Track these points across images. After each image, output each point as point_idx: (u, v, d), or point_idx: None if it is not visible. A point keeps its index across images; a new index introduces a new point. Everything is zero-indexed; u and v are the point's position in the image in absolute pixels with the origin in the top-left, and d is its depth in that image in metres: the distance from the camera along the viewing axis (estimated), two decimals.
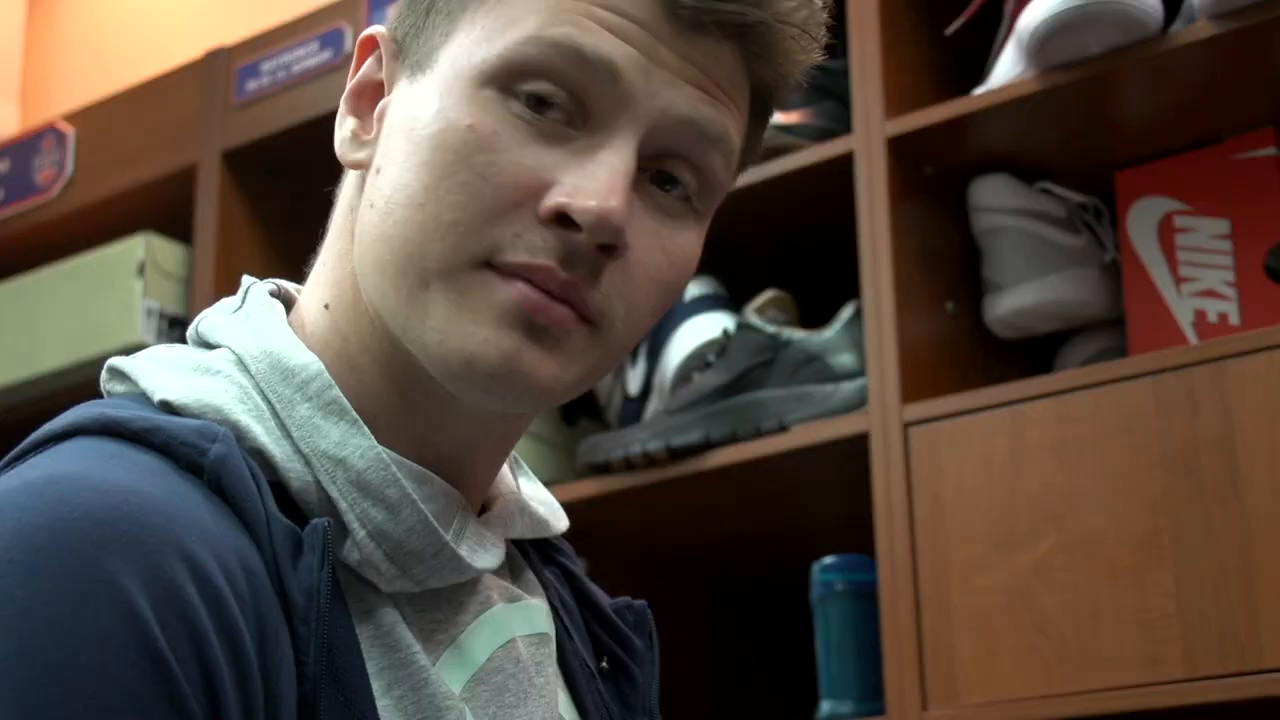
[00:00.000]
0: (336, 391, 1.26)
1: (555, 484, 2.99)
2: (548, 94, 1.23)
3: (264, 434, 1.24)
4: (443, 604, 1.31)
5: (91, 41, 4.65)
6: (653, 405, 2.94)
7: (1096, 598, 2.30)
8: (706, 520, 2.99)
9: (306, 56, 3.56)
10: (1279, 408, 2.22)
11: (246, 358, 1.28)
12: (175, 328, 3.58)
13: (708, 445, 2.77)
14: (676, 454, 2.79)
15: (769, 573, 3.17)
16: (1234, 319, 2.55)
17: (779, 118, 2.83)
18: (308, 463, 1.24)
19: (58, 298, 3.72)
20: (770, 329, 2.82)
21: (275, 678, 1.12)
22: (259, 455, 1.23)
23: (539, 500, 1.48)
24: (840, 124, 2.84)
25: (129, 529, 1.07)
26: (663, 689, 2.03)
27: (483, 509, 1.39)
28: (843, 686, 2.67)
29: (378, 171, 1.28)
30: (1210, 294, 2.58)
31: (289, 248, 3.65)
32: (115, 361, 1.33)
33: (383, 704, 1.20)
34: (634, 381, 3.01)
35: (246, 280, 1.40)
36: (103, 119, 3.92)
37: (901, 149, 2.69)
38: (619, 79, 1.23)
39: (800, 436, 2.68)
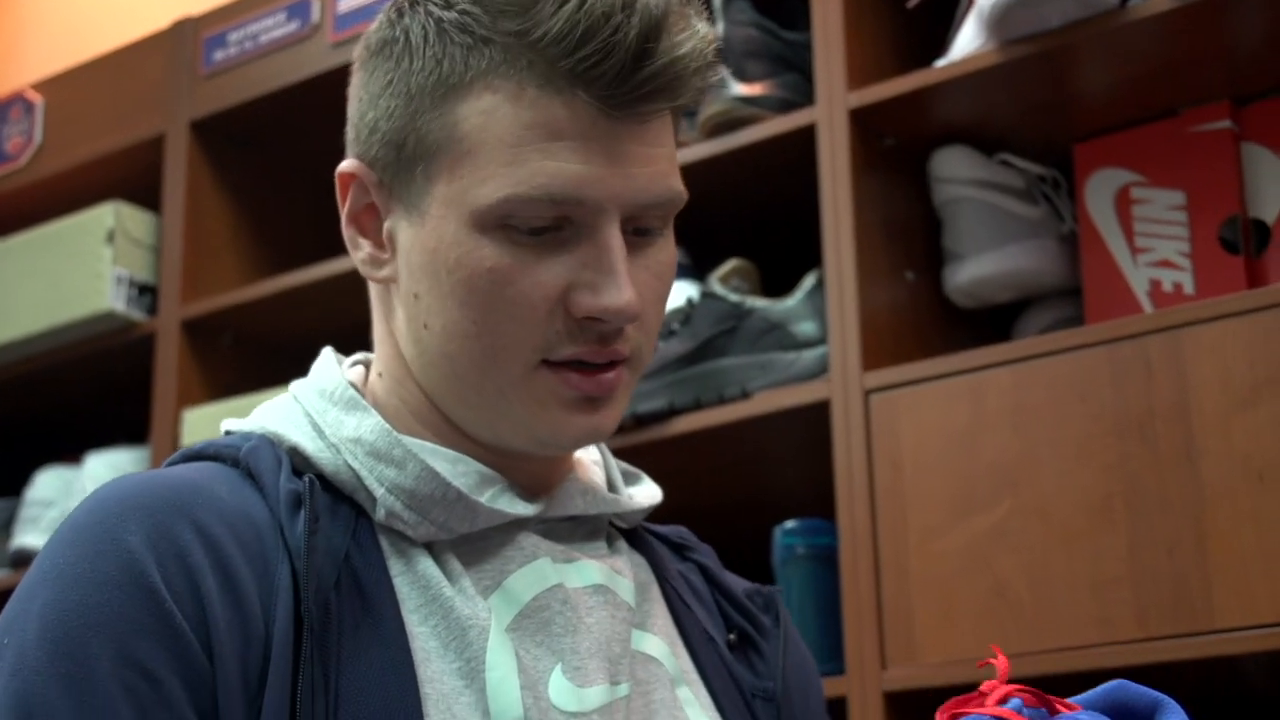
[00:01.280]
0: (353, 393, 1.54)
1: None
2: (537, 225, 1.44)
3: (299, 435, 1.51)
4: (489, 556, 1.51)
5: (60, 11, 4.65)
6: None
7: (1051, 561, 2.32)
8: (670, 485, 2.98)
9: (273, 27, 3.56)
10: (1232, 376, 2.24)
11: (299, 392, 1.57)
12: (144, 295, 3.59)
13: (672, 412, 2.79)
14: (642, 420, 2.81)
15: (732, 536, 3.16)
16: (1188, 288, 2.57)
17: (742, 89, 2.84)
18: (338, 450, 1.49)
19: (28, 265, 3.71)
20: (733, 298, 2.83)
21: (272, 601, 1.38)
22: (296, 452, 1.50)
23: (635, 492, 1.69)
24: (802, 96, 2.85)
25: (145, 502, 1.39)
26: None
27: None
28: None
29: (416, 297, 1.50)
30: (1166, 264, 2.60)
31: (256, 215, 3.66)
32: (223, 424, 1.62)
33: (420, 631, 1.43)
34: None
35: (325, 350, 1.66)
36: (71, 88, 3.92)
37: (863, 121, 2.70)
38: (585, 202, 1.43)
39: (763, 403, 2.70)
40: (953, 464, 2.44)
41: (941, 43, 2.78)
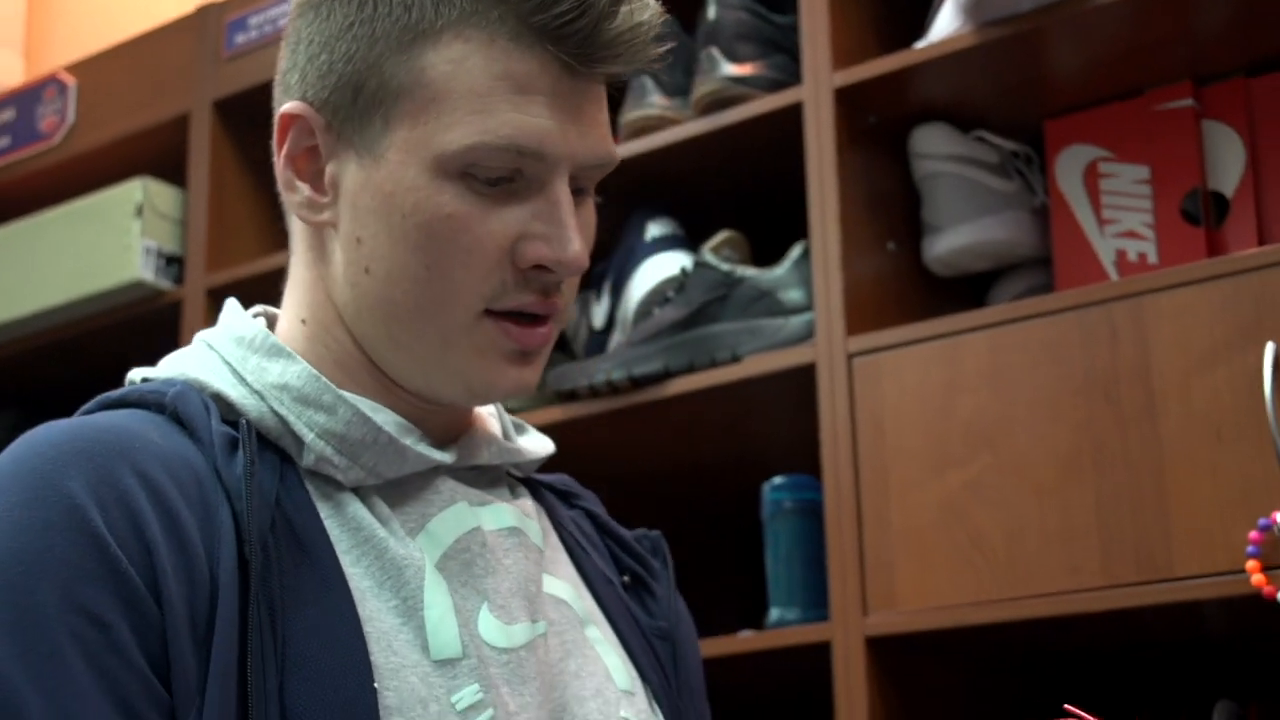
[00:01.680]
0: (275, 340, 1.49)
1: (526, 410, 3.01)
2: (497, 174, 1.42)
3: (220, 382, 1.46)
4: (411, 500, 1.48)
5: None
6: (616, 338, 2.95)
7: (1024, 513, 2.32)
8: (666, 443, 3.01)
9: None
10: (1192, 340, 2.24)
11: (212, 340, 1.52)
12: (171, 265, 3.60)
13: (667, 374, 2.79)
14: (638, 382, 2.81)
15: (723, 492, 3.18)
16: (1152, 258, 2.57)
17: (733, 69, 2.85)
18: (262, 397, 1.45)
19: (61, 238, 3.72)
20: (725, 267, 2.83)
21: (215, 542, 1.33)
22: (219, 398, 1.45)
23: (527, 444, 1.65)
24: (790, 75, 2.85)
25: (83, 448, 1.32)
26: None
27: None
28: (790, 595, 2.71)
29: (359, 241, 1.46)
30: (1131, 235, 2.60)
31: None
32: (129, 375, 1.55)
33: (353, 571, 1.38)
34: (599, 316, 3.03)
35: (228, 300, 1.60)
36: (102, 70, 3.92)
37: (847, 99, 2.70)
38: (546, 156, 1.42)
39: (752, 366, 2.70)
40: (931, 423, 2.45)
41: (921, 25, 2.78)
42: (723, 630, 2.90)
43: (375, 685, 1.31)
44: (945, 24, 2.64)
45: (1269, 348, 2.17)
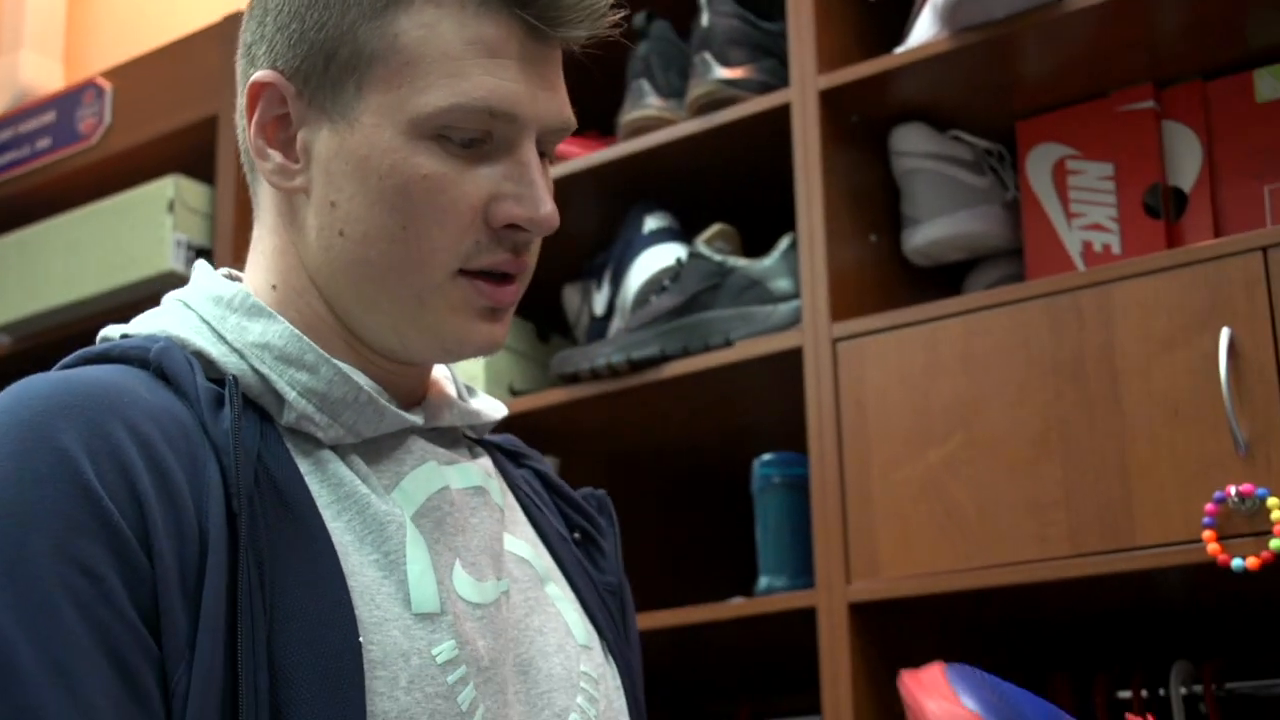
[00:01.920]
0: (256, 300, 1.44)
1: (530, 392, 3.02)
2: (470, 136, 1.39)
3: (201, 340, 1.40)
4: (384, 458, 1.44)
5: (126, 8, 4.64)
6: (615, 324, 2.95)
7: (996, 487, 2.33)
8: (662, 423, 3.01)
9: None
10: (1153, 326, 2.24)
11: (188, 300, 1.46)
12: (201, 257, 3.59)
13: (663, 358, 2.78)
14: (636, 366, 2.81)
15: (716, 467, 3.18)
16: (1116, 249, 2.57)
17: (725, 73, 2.84)
18: (242, 356, 1.40)
19: (98, 231, 3.72)
20: (717, 258, 2.83)
21: (204, 497, 1.27)
22: (200, 356, 1.39)
23: (480, 405, 1.61)
24: (778, 79, 2.85)
25: (73, 401, 1.26)
26: (626, 567, 2.04)
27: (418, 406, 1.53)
28: (778, 564, 2.71)
29: (333, 205, 1.41)
30: (1096, 227, 2.60)
31: None
32: (101, 333, 1.49)
33: (335, 526, 1.35)
34: (599, 303, 3.02)
35: (197, 262, 1.56)
36: (136, 75, 3.91)
37: (831, 101, 2.69)
38: (517, 118, 1.40)
39: (743, 350, 2.70)
40: (910, 403, 2.45)
41: (900, 31, 2.77)
42: (715, 597, 2.90)
43: (360, 639, 1.28)
44: (923, 30, 2.64)
45: (1224, 333, 2.17)
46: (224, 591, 1.24)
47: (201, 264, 1.53)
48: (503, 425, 1.71)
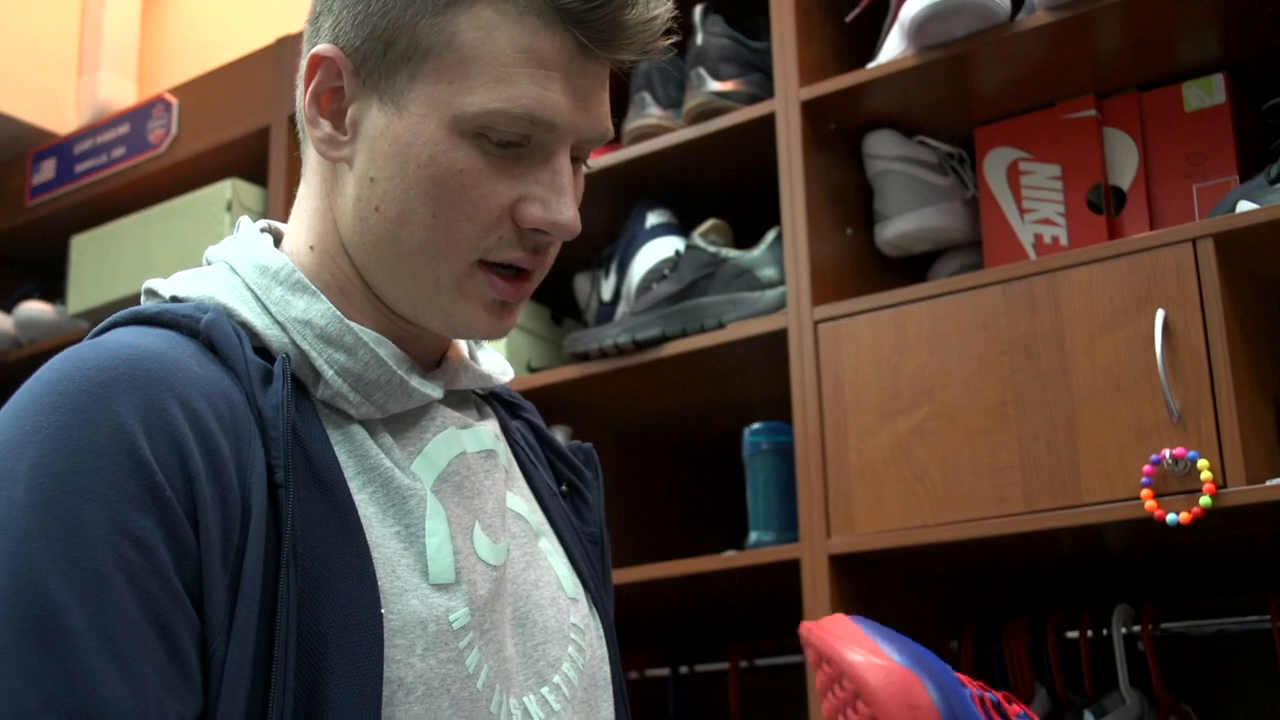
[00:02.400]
0: (300, 275, 1.38)
1: (546, 369, 3.01)
2: (508, 139, 1.32)
3: (247, 311, 1.35)
4: (410, 428, 1.40)
5: (190, 32, 4.63)
6: (621, 308, 2.94)
7: (958, 453, 2.32)
8: (663, 396, 3.00)
9: None
10: (1097, 308, 2.24)
11: (235, 264, 1.40)
12: None
13: (664, 339, 2.77)
14: (640, 345, 2.79)
15: (710, 435, 3.18)
16: (1064, 240, 2.56)
17: (718, 86, 2.83)
18: (284, 329, 1.35)
19: (164, 230, 3.72)
20: (711, 249, 2.81)
21: (248, 471, 1.23)
22: (245, 326, 1.34)
23: (491, 367, 1.56)
24: (764, 91, 2.84)
25: (129, 374, 1.20)
26: (630, 525, 2.02)
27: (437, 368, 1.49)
28: (766, 521, 2.70)
29: (372, 181, 1.35)
30: (1046, 221, 2.59)
31: None
32: (147, 284, 1.43)
33: (360, 498, 1.31)
34: (607, 290, 3.01)
35: (241, 219, 1.49)
36: (199, 91, 3.91)
37: (812, 110, 2.68)
38: (556, 128, 1.33)
39: (735, 332, 2.69)
40: (882, 377, 2.43)
41: (873, 49, 2.76)
42: (710, 550, 2.90)
43: (382, 611, 1.25)
44: (892, 47, 2.63)
45: (1159, 314, 2.16)
46: (263, 565, 1.20)
47: (246, 221, 1.48)
48: (523, 397, 1.69)
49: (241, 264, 1.39)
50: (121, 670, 1.11)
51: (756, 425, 2.77)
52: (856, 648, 1.26)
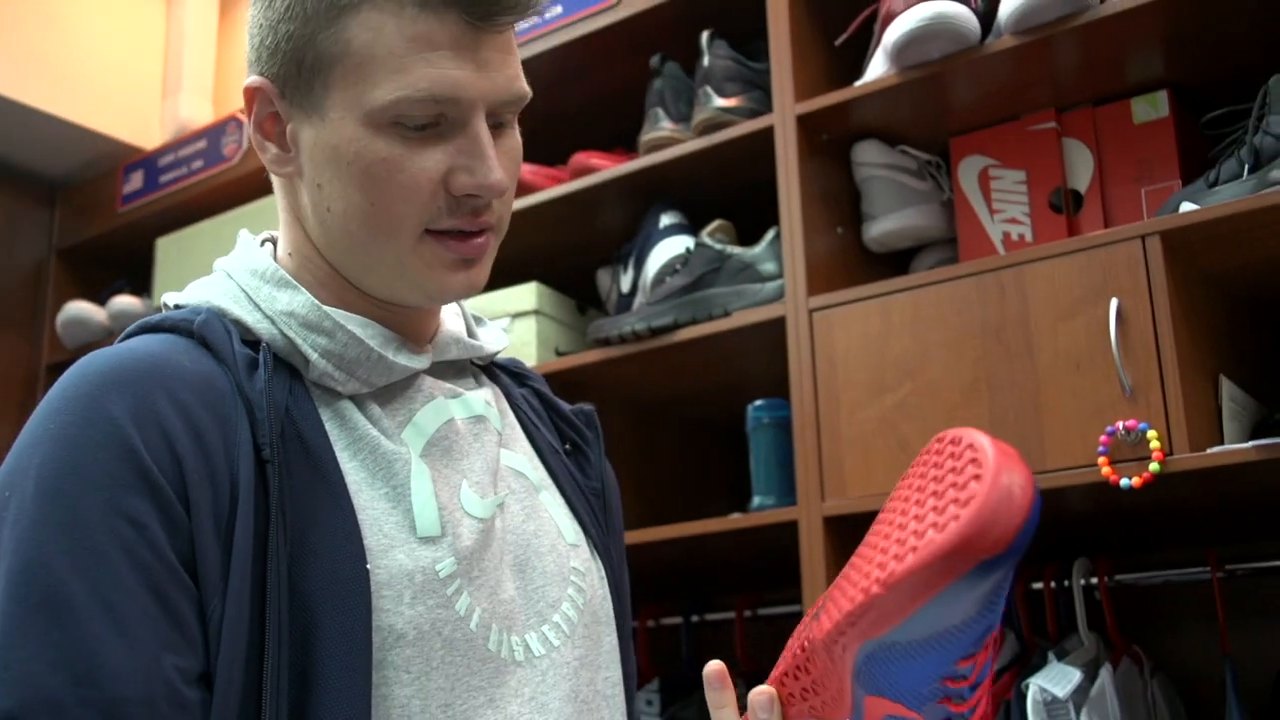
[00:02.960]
0: (283, 273, 1.38)
1: (572, 353, 2.99)
2: (421, 121, 1.30)
3: (238, 309, 1.36)
4: (398, 399, 1.40)
5: None
6: (638, 299, 2.93)
7: (937, 425, 2.30)
8: (675, 376, 2.99)
9: None
10: (1060, 297, 2.23)
11: (231, 270, 1.41)
12: None
13: (676, 326, 2.76)
14: (655, 332, 2.78)
15: (717, 411, 3.17)
16: (1029, 237, 2.55)
17: (723, 102, 2.82)
18: (273, 322, 1.35)
19: (237, 231, 3.71)
20: (717, 247, 2.80)
21: (235, 451, 1.24)
22: (238, 323, 1.35)
23: (485, 339, 1.55)
24: (764, 106, 2.83)
25: (122, 376, 1.23)
26: (647, 492, 2.00)
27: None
28: (767, 486, 2.69)
29: (319, 186, 1.34)
30: (1013, 221, 2.58)
31: None
32: (164, 296, 1.45)
33: (350, 466, 1.31)
34: (626, 283, 3.00)
35: (241, 232, 1.49)
36: None
37: (806, 123, 2.67)
38: (460, 100, 1.30)
39: (739, 320, 2.67)
40: (870, 359, 2.42)
41: (859, 68, 2.75)
42: (717, 513, 2.89)
43: (368, 566, 1.24)
44: (877, 67, 2.62)
45: (1113, 302, 2.15)
46: (252, 532, 1.20)
47: (244, 235, 1.48)
48: (551, 380, 1.68)
49: (236, 270, 1.40)
50: (121, 634, 1.12)
51: (758, 402, 2.76)
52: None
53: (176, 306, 1.41)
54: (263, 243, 1.48)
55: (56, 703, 1.09)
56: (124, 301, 4.18)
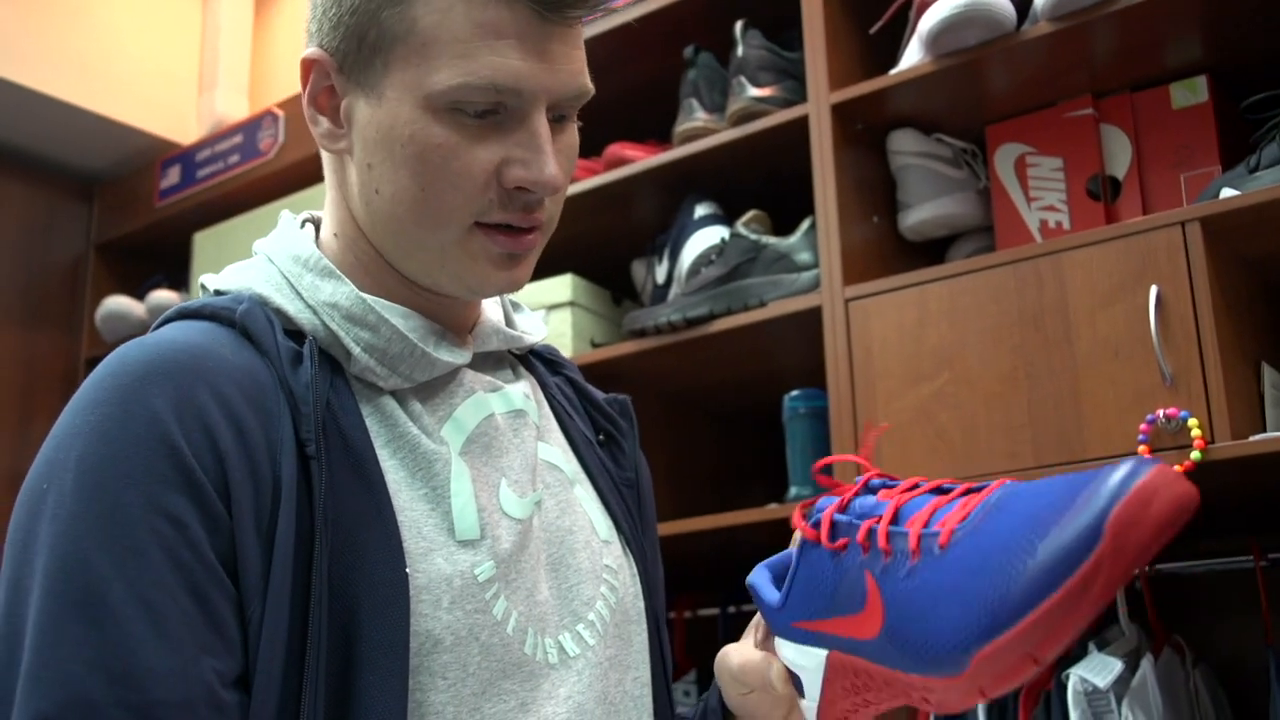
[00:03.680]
0: (326, 261, 1.34)
1: (607, 345, 2.99)
2: (480, 108, 1.26)
3: (281, 297, 1.32)
4: (439, 394, 1.36)
5: (294, 51, 4.62)
6: (674, 290, 2.92)
7: (975, 414, 2.29)
8: (712, 367, 2.98)
9: None
10: (1098, 285, 2.21)
11: (273, 255, 1.36)
12: None
13: (711, 317, 2.75)
14: (690, 323, 2.77)
15: (754, 402, 3.16)
16: (1066, 225, 2.53)
17: (757, 92, 2.81)
18: (315, 313, 1.31)
19: (274, 225, 3.73)
20: (753, 237, 2.79)
21: (278, 447, 1.20)
22: (280, 312, 1.31)
23: (525, 327, 1.52)
24: (798, 96, 2.81)
25: (163, 367, 1.18)
26: (684, 483, 1.99)
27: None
28: (804, 476, 2.68)
29: (369, 167, 1.30)
30: (1050, 208, 2.56)
31: None
32: (201, 279, 1.41)
33: (389, 464, 1.27)
34: (661, 274, 3.00)
35: (282, 213, 1.45)
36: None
37: (841, 112, 2.65)
38: (522, 92, 1.26)
39: (774, 310, 2.66)
40: (906, 349, 2.41)
41: (894, 57, 2.74)
42: (754, 504, 2.88)
43: (407, 570, 1.21)
44: (912, 55, 2.60)
45: (1153, 290, 2.14)
46: (294, 532, 1.17)
47: (285, 216, 1.43)
48: (585, 371, 1.66)
49: (278, 255, 1.36)
50: (159, 635, 1.09)
51: (795, 392, 2.75)
52: None
53: (216, 292, 1.37)
54: (303, 224, 1.44)
55: (93, 704, 1.06)
56: (162, 296, 4.20)
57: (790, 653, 1.23)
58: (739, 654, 1.29)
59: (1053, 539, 0.90)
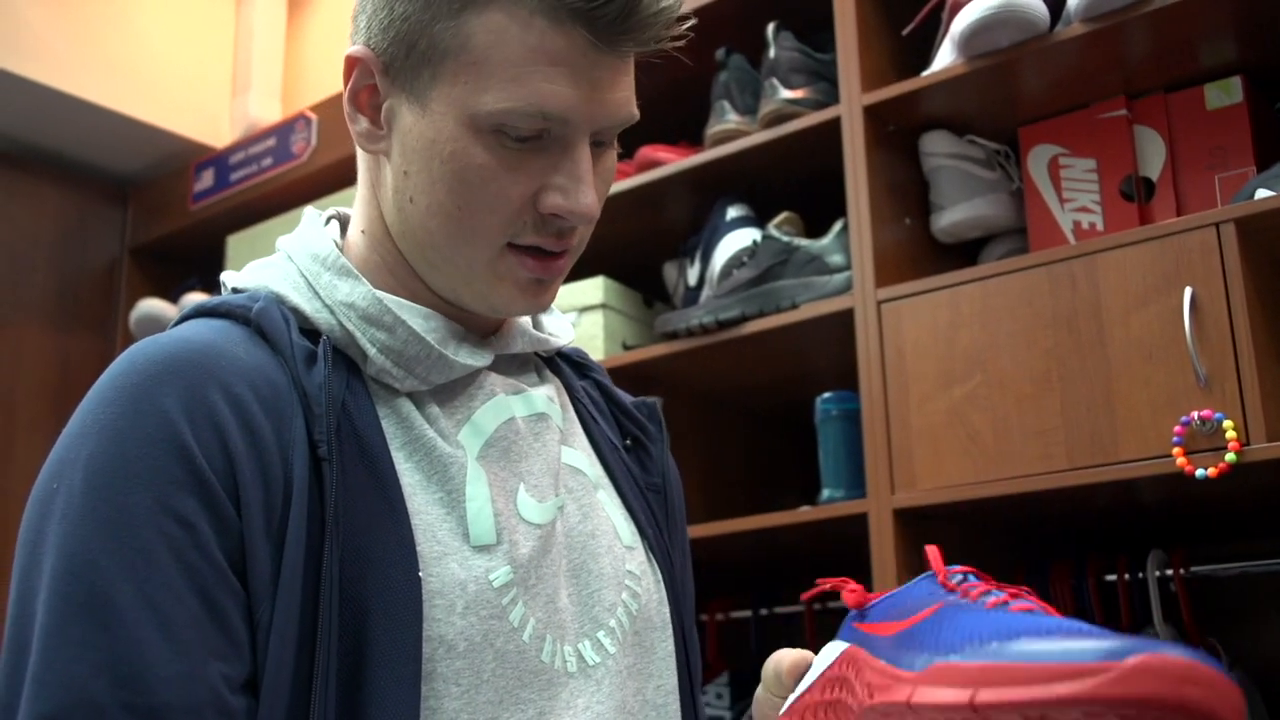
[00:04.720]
0: (345, 261, 1.33)
1: (639, 347, 2.99)
2: (525, 134, 1.24)
3: (298, 296, 1.32)
4: (458, 396, 1.35)
5: (326, 55, 4.64)
6: (705, 292, 2.92)
7: (1008, 416, 2.28)
8: (743, 370, 2.98)
9: None
10: (1130, 286, 2.20)
11: (293, 253, 1.36)
12: None
13: (743, 319, 2.75)
14: (722, 325, 2.77)
15: (785, 404, 3.16)
16: (1100, 226, 2.52)
17: (789, 94, 2.81)
18: (332, 312, 1.30)
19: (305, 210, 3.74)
20: (785, 239, 2.79)
21: (290, 448, 1.19)
22: (296, 311, 1.31)
23: (553, 328, 1.51)
24: (830, 98, 2.81)
25: (175, 366, 1.18)
26: (716, 485, 1.98)
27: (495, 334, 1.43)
28: (837, 479, 2.67)
29: (406, 174, 1.29)
30: (1084, 210, 2.55)
31: None
32: (222, 276, 1.40)
33: (404, 468, 1.26)
34: (693, 276, 3.00)
35: (306, 209, 1.44)
36: (335, 107, 3.93)
37: (873, 114, 2.65)
38: (569, 121, 1.25)
39: (807, 312, 2.66)
40: (939, 351, 2.40)
41: (927, 58, 2.74)
42: (786, 506, 2.87)
43: (420, 574, 1.19)
44: (944, 56, 2.60)
45: (1186, 291, 2.13)
46: (305, 535, 1.16)
47: (309, 212, 1.43)
48: (617, 374, 1.65)
49: (298, 253, 1.36)
50: (167, 638, 1.09)
51: (827, 394, 2.74)
52: None
53: (235, 289, 1.37)
54: (329, 220, 1.43)
55: (98, 707, 1.06)
56: (196, 299, 4.21)
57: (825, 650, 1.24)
58: (793, 654, 1.29)
59: (1087, 644, 0.88)
